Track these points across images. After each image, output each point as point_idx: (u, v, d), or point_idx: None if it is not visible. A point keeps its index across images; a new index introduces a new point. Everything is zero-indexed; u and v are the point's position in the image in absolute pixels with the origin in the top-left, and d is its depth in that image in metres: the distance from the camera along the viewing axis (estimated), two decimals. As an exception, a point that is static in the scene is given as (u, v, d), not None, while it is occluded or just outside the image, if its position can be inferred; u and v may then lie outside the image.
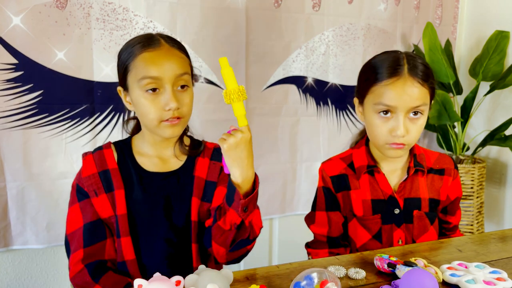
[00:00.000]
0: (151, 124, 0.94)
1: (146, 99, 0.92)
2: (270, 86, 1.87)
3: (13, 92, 1.45)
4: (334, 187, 1.10)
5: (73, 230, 0.97)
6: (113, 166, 0.99)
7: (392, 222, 1.07)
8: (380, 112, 0.99)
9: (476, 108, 2.06)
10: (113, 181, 0.97)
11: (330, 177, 1.11)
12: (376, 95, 0.99)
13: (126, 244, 0.96)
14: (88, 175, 0.98)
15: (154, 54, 0.92)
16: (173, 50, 0.95)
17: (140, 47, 0.93)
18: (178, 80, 0.93)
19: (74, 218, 0.97)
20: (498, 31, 2.02)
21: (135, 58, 0.93)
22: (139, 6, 1.58)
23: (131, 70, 0.93)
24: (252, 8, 1.77)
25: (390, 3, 2.06)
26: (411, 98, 0.96)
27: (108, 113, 1.59)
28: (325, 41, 1.95)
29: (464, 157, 2.10)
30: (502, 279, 0.78)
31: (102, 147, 1.02)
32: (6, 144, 1.46)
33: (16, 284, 1.58)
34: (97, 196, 0.97)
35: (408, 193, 1.07)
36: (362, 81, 1.05)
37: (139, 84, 0.92)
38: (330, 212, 1.11)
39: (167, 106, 0.91)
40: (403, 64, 0.97)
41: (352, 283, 0.80)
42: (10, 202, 1.49)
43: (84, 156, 1.01)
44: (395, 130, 0.97)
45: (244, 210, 0.86)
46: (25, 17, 1.42)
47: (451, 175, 1.11)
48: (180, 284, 0.69)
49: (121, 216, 0.96)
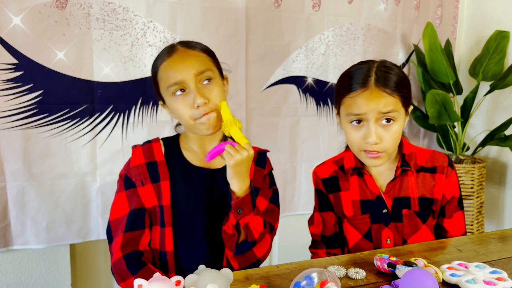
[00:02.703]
0: (188, 125, 1.00)
1: (177, 103, 0.98)
2: (270, 86, 1.88)
3: (13, 92, 1.45)
4: (325, 189, 1.15)
5: (118, 217, 1.00)
6: (161, 158, 1.03)
7: (380, 222, 1.09)
8: (353, 121, 1.02)
9: (476, 108, 2.06)
10: (160, 173, 1.01)
11: (321, 179, 1.16)
12: (347, 106, 1.02)
13: (169, 235, 1.00)
14: (136, 165, 1.02)
15: (170, 60, 0.98)
16: (188, 51, 1.00)
17: (159, 59, 1.01)
18: (199, 76, 0.97)
19: (120, 205, 1.01)
20: (498, 31, 2.03)
21: (158, 71, 1.01)
22: (139, 6, 1.58)
23: (159, 82, 1.01)
24: (252, 8, 1.77)
25: (390, 3, 2.06)
26: (378, 105, 0.98)
27: (108, 113, 1.59)
28: (325, 41, 1.95)
29: (464, 157, 2.10)
30: (502, 279, 0.78)
31: (151, 140, 1.07)
32: (6, 144, 1.46)
33: (16, 284, 1.58)
34: (143, 185, 1.00)
35: (397, 193, 1.09)
36: (336, 92, 1.08)
37: (168, 92, 0.99)
38: (323, 213, 1.16)
39: (195, 103, 0.95)
40: (371, 75, 1.00)
41: (352, 283, 0.80)
42: (10, 202, 1.49)
43: (134, 148, 1.06)
44: (367, 137, 0.99)
45: (238, 212, 0.94)
46: (25, 17, 1.42)
47: (443, 173, 1.10)
48: (180, 284, 0.69)
49: (166, 207, 1.00)
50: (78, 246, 1.67)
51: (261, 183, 1.08)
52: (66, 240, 1.58)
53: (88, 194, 1.60)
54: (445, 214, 1.13)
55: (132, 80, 1.60)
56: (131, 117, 1.63)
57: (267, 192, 1.10)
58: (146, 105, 1.64)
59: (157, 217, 1.01)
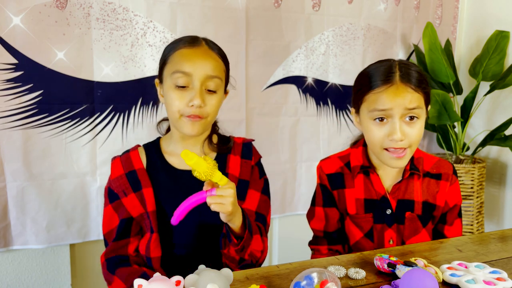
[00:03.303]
0: (173, 117, 0.98)
1: (174, 92, 0.96)
2: (270, 86, 1.87)
3: (13, 92, 1.45)
4: (330, 185, 1.13)
5: (109, 230, 1.02)
6: (140, 166, 1.02)
7: (384, 222, 1.09)
8: (376, 119, 1.00)
9: (476, 108, 2.06)
10: (140, 181, 1.00)
11: (326, 174, 1.13)
12: (370, 102, 1.00)
13: (154, 241, 0.99)
14: (116, 177, 1.02)
15: (191, 51, 0.97)
16: (210, 52, 0.99)
17: (182, 43, 0.99)
18: (208, 81, 0.96)
19: (109, 218, 1.02)
20: (498, 31, 2.02)
21: (175, 52, 0.98)
22: (139, 6, 1.58)
23: (169, 63, 0.98)
24: (252, 8, 1.77)
25: (390, 3, 2.06)
26: (405, 101, 0.97)
27: (108, 113, 1.59)
28: (325, 41, 1.95)
29: (464, 157, 2.10)
30: (502, 279, 0.78)
31: (129, 150, 1.06)
32: (6, 144, 1.46)
33: (16, 284, 1.58)
34: (126, 196, 1.00)
35: (402, 195, 1.08)
36: (356, 90, 1.06)
37: (172, 77, 0.96)
38: (326, 208, 1.14)
39: (191, 102, 0.94)
40: (395, 71, 0.99)
41: (352, 283, 0.80)
42: (10, 202, 1.49)
43: (112, 160, 1.05)
44: (392, 134, 0.97)
45: (241, 250, 0.93)
46: (25, 17, 1.42)
47: (448, 180, 1.10)
48: (180, 284, 0.68)
49: (151, 213, 0.99)
50: (78, 246, 1.67)
51: (250, 175, 1.06)
52: (66, 240, 1.59)
53: (88, 194, 1.60)
54: (446, 221, 1.13)
55: (132, 80, 1.60)
56: (131, 117, 1.63)
57: (259, 182, 1.08)
58: (146, 105, 1.64)
59: (147, 224, 1.00)
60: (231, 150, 1.06)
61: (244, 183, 1.04)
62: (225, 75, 1.02)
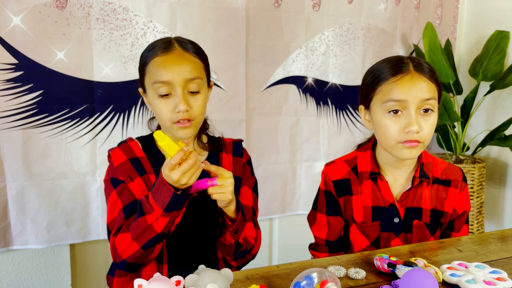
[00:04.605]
0: (165, 125, 0.99)
1: (159, 101, 0.97)
2: (270, 86, 1.87)
3: (13, 92, 1.45)
4: (336, 192, 1.09)
5: (113, 217, 0.99)
6: (141, 154, 1.03)
7: (391, 230, 1.06)
8: (390, 112, 0.96)
9: (476, 108, 2.06)
10: (145, 167, 1.01)
11: (332, 181, 1.09)
12: (384, 93, 0.97)
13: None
14: (120, 163, 1.00)
15: (165, 58, 0.96)
16: (185, 54, 0.98)
17: (154, 51, 0.97)
18: (189, 84, 0.96)
19: (113, 205, 1.00)
20: (498, 31, 2.02)
21: (149, 62, 0.97)
22: (139, 6, 1.58)
23: (147, 73, 0.98)
24: (252, 8, 1.77)
25: (390, 3, 2.06)
26: (421, 91, 0.94)
27: (108, 113, 1.59)
28: (325, 41, 1.95)
29: (464, 157, 2.10)
30: (502, 279, 0.78)
31: (126, 140, 1.06)
32: (6, 144, 1.46)
33: (16, 284, 1.58)
34: (133, 180, 1.00)
35: (410, 203, 1.05)
36: (366, 84, 1.03)
37: (153, 87, 0.96)
38: (330, 217, 1.10)
39: (177, 109, 0.94)
40: (407, 62, 0.97)
41: (352, 283, 0.80)
42: (10, 202, 1.49)
43: (111, 150, 1.04)
44: (408, 126, 0.94)
45: (235, 233, 0.97)
46: (25, 17, 1.42)
47: (457, 187, 1.07)
48: (180, 284, 0.68)
49: None
50: (78, 246, 1.67)
51: (242, 172, 1.09)
52: (66, 240, 1.59)
53: (88, 194, 1.60)
54: (454, 228, 1.11)
55: (132, 80, 1.60)
56: (131, 117, 1.63)
57: (251, 180, 1.11)
58: (146, 105, 1.64)
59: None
60: (222, 148, 1.09)
61: (237, 180, 1.06)
62: (205, 72, 1.01)
